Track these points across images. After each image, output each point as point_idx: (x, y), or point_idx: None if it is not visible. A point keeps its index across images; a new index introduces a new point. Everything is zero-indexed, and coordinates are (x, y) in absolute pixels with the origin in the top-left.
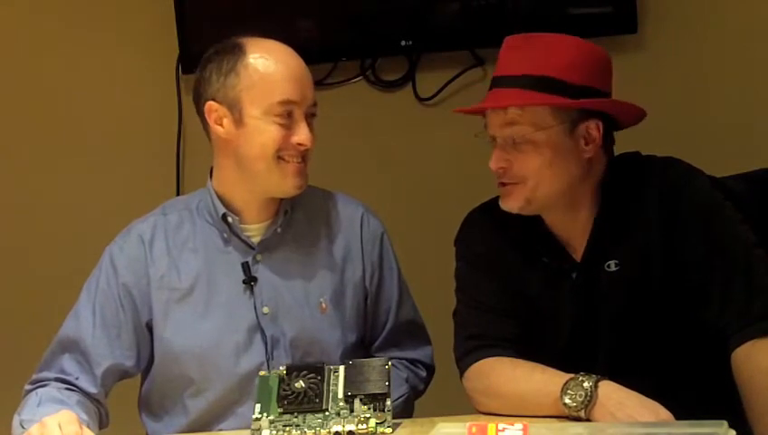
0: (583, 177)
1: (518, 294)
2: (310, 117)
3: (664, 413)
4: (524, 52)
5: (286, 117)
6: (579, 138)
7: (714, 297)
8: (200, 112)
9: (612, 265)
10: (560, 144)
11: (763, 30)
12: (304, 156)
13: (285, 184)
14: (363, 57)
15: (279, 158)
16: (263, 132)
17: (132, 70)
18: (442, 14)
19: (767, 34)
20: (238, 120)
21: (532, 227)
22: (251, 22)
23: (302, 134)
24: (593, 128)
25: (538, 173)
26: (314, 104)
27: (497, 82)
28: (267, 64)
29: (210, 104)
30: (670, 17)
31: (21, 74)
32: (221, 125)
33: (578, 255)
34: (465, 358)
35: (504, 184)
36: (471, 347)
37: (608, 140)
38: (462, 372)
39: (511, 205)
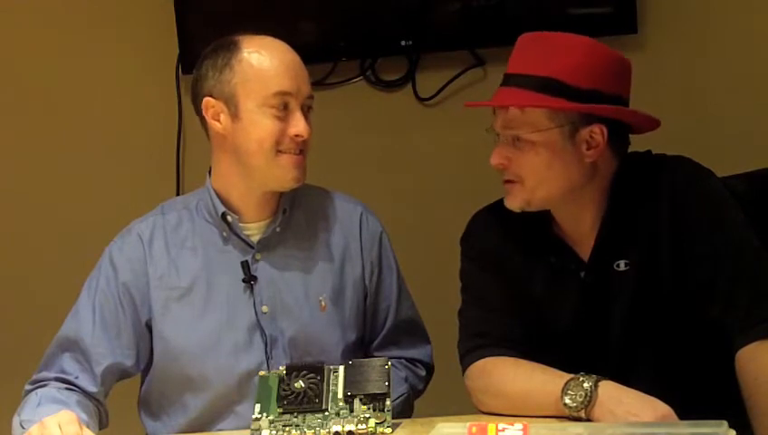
0: (587, 180)
1: (523, 293)
2: (306, 109)
3: (662, 408)
4: (533, 51)
5: (282, 109)
6: (581, 142)
7: (719, 296)
8: (198, 110)
9: (622, 265)
10: (558, 147)
11: (763, 30)
12: (302, 148)
13: (284, 177)
14: (363, 57)
15: (277, 151)
16: (259, 126)
17: (132, 70)
18: (442, 14)
19: (767, 34)
20: (234, 115)
21: (538, 226)
22: (251, 22)
23: (299, 125)
24: (597, 133)
25: (535, 173)
26: (310, 97)
27: (505, 81)
28: (261, 58)
29: (207, 100)
30: (670, 17)
31: (21, 74)
32: (218, 120)
33: (585, 254)
34: (467, 356)
35: (506, 182)
36: (474, 345)
37: (617, 143)
38: (464, 370)
39: (511, 203)
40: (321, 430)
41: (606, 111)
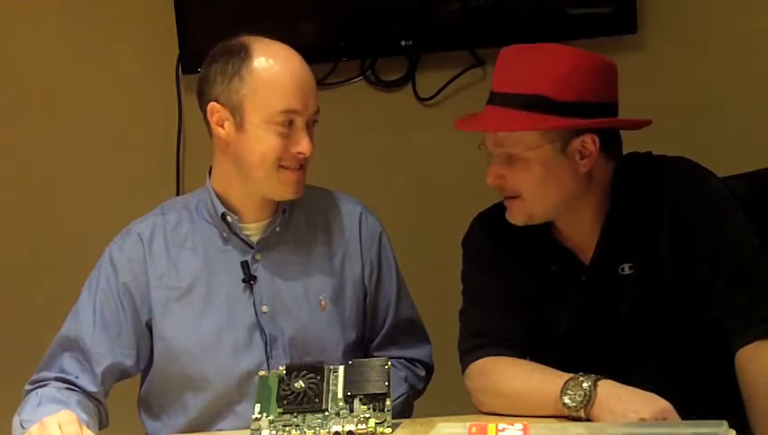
0: (583, 189)
1: (524, 295)
2: (311, 124)
3: (661, 403)
4: (517, 67)
5: (287, 126)
6: (573, 154)
7: (719, 296)
8: (203, 109)
9: (626, 268)
10: (551, 162)
11: (763, 30)
12: (303, 164)
13: (282, 191)
14: (363, 57)
15: (279, 166)
16: (263, 141)
17: (132, 70)
18: (442, 14)
19: (767, 34)
20: (239, 125)
21: (538, 232)
22: (251, 22)
23: (302, 144)
24: (588, 142)
25: (532, 189)
26: (317, 111)
27: (491, 99)
28: (272, 71)
29: (213, 105)
30: (670, 17)
31: (21, 74)
32: (222, 127)
33: (587, 258)
34: (467, 355)
35: (507, 198)
36: (474, 345)
37: (610, 147)
38: (464, 370)
39: (514, 218)
40: (321, 430)
41: (599, 124)
